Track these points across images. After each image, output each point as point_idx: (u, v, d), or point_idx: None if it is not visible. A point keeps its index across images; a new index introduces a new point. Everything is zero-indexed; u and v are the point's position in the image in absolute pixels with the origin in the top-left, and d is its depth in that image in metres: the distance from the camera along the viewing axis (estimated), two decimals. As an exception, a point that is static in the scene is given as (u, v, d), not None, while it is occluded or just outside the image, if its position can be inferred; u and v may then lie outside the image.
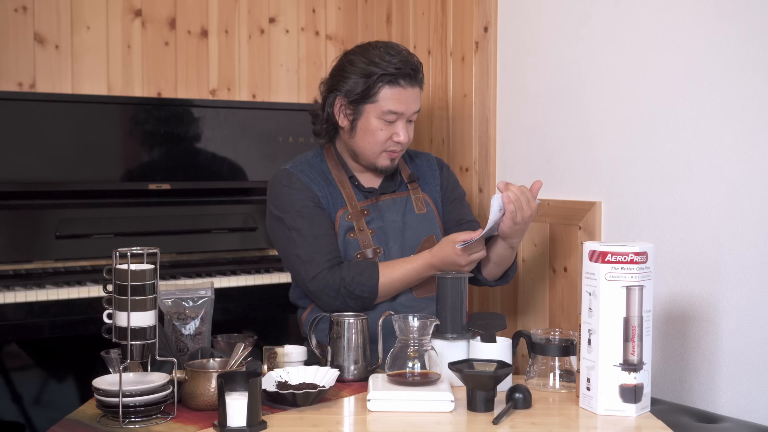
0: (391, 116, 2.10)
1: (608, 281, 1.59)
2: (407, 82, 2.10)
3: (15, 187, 2.51)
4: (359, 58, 2.13)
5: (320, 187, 2.14)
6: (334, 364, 1.83)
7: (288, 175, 2.15)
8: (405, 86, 2.10)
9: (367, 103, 2.10)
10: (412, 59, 2.13)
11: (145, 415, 1.54)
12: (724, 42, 2.06)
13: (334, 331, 1.85)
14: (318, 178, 2.16)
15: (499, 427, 1.52)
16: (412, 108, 2.13)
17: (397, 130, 2.11)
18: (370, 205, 2.17)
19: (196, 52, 3.14)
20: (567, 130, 2.49)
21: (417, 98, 2.14)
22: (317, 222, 2.09)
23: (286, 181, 2.14)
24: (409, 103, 2.12)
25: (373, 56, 2.10)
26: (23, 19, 2.83)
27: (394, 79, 2.08)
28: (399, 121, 2.12)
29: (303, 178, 2.14)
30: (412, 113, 2.14)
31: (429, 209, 2.24)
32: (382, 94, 2.09)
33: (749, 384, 2.02)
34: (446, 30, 2.89)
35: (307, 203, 2.11)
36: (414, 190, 2.24)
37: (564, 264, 2.49)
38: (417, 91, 2.14)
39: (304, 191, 2.12)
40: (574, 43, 2.46)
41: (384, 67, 2.08)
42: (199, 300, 1.90)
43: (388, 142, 2.12)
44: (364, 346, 1.85)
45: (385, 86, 2.09)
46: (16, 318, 2.31)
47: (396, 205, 2.20)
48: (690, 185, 2.14)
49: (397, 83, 2.09)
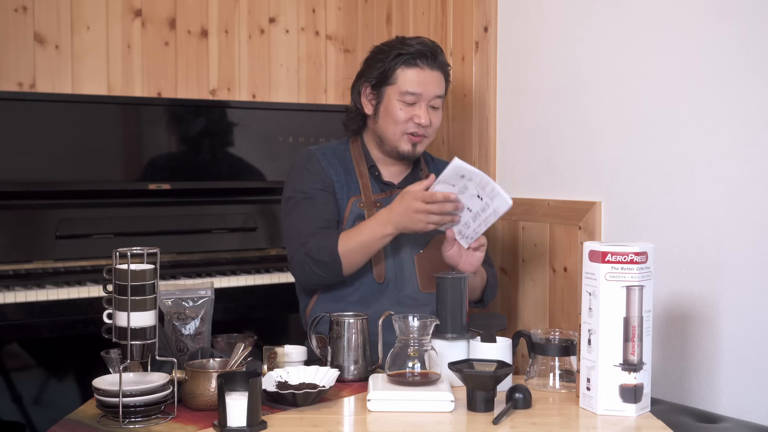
0: (409, 97, 2.11)
1: (608, 281, 1.59)
2: (425, 63, 2.12)
3: (15, 187, 2.51)
4: (383, 46, 2.19)
5: (337, 172, 2.17)
6: (334, 364, 1.83)
7: (309, 155, 2.20)
8: (423, 67, 2.11)
9: (387, 85, 2.14)
10: (433, 45, 2.16)
11: (145, 415, 1.54)
12: (724, 42, 2.06)
13: (334, 331, 1.85)
14: (338, 164, 2.19)
15: (499, 427, 1.52)
16: (432, 90, 2.13)
17: (417, 112, 2.12)
18: (384, 198, 2.17)
19: (196, 52, 3.14)
20: (567, 130, 2.49)
21: (438, 82, 2.14)
22: (318, 205, 2.12)
23: (306, 161, 2.19)
24: (428, 85, 2.12)
25: (395, 42, 2.17)
26: (23, 19, 2.83)
27: (411, 59, 2.11)
28: (419, 103, 2.12)
29: (322, 161, 2.17)
30: (433, 96, 2.13)
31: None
32: (400, 75, 2.12)
33: (749, 384, 2.02)
34: (446, 30, 2.89)
35: (316, 185, 2.14)
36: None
37: (564, 264, 2.49)
38: (437, 75, 2.14)
39: (319, 173, 2.15)
40: (574, 43, 2.46)
41: (401, 48, 2.13)
42: (199, 300, 1.90)
43: (409, 124, 2.13)
44: (364, 346, 1.85)
45: (402, 66, 2.12)
46: (16, 318, 2.31)
47: None
48: (690, 185, 2.14)
49: (415, 63, 2.11)
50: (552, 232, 2.54)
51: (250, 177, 2.91)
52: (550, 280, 2.55)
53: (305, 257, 2.05)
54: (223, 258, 2.75)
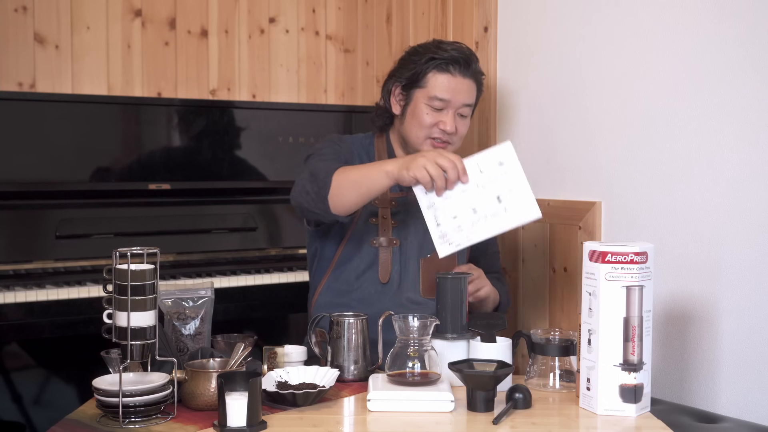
0: (437, 103, 2.09)
1: (608, 281, 1.59)
2: (458, 70, 2.09)
3: (15, 187, 2.51)
4: (418, 48, 2.16)
5: (362, 160, 2.15)
6: (334, 364, 1.83)
7: (341, 139, 2.20)
8: (455, 74, 2.09)
9: (417, 88, 2.11)
10: (468, 53, 2.13)
11: (145, 415, 1.54)
12: (724, 42, 2.06)
13: (334, 331, 1.85)
14: (363, 155, 2.18)
15: (499, 427, 1.52)
16: (461, 98, 2.10)
17: (444, 119, 2.09)
18: (400, 198, 2.15)
19: (196, 52, 3.14)
20: (567, 130, 2.49)
21: (468, 90, 2.12)
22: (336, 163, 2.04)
23: (338, 141, 2.18)
24: (458, 93, 2.09)
25: (430, 45, 2.14)
26: (23, 19, 2.83)
27: (444, 64, 2.08)
28: (447, 110, 2.09)
29: (354, 146, 2.18)
30: (461, 104, 2.10)
31: None
32: (431, 79, 2.09)
33: (749, 384, 2.02)
34: (446, 30, 2.89)
35: (340, 155, 2.11)
36: None
37: (564, 264, 2.49)
38: (469, 83, 2.12)
39: (346, 154, 2.13)
40: (574, 43, 2.46)
41: (435, 52, 2.10)
42: (199, 300, 1.90)
43: (434, 129, 2.10)
44: (364, 346, 1.85)
45: (434, 71, 2.09)
46: (16, 318, 2.31)
47: None
48: (690, 185, 2.14)
49: (447, 69, 2.09)
50: (552, 232, 2.54)
51: (250, 177, 2.91)
52: (550, 280, 2.55)
53: (304, 171, 2.01)
54: (223, 258, 2.75)
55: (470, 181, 1.78)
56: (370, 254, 2.13)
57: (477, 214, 1.75)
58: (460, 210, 1.77)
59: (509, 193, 1.74)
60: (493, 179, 1.75)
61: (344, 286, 2.13)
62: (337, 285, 2.14)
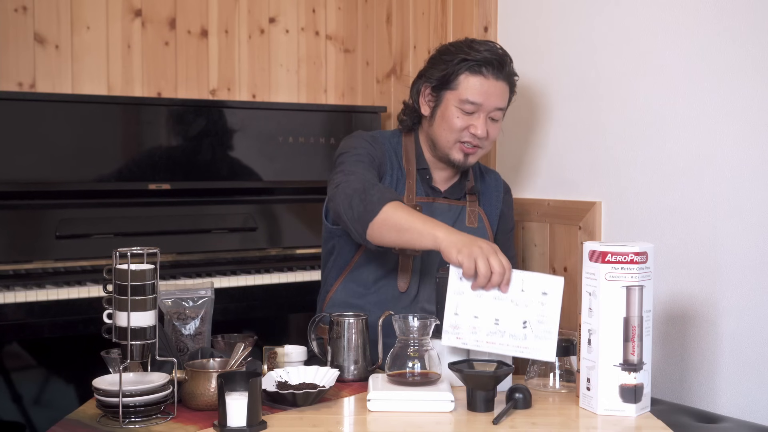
0: (468, 106, 2.02)
1: (608, 281, 1.59)
2: (490, 72, 2.02)
3: (15, 187, 2.51)
4: (450, 47, 2.09)
5: (392, 166, 2.10)
6: (334, 364, 1.83)
7: (374, 138, 2.11)
8: (487, 76, 2.02)
9: (448, 89, 2.04)
10: (502, 53, 2.05)
11: (145, 415, 1.54)
12: (724, 42, 2.06)
13: (334, 331, 1.85)
14: (393, 156, 2.12)
15: (499, 427, 1.52)
16: (493, 102, 2.03)
17: (475, 122, 2.03)
18: (425, 203, 2.10)
19: (196, 52, 3.14)
20: (567, 130, 2.49)
21: (501, 93, 2.04)
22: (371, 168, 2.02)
23: (372, 141, 2.10)
24: (490, 96, 2.02)
25: (462, 45, 2.06)
26: (23, 19, 2.83)
27: (477, 66, 2.01)
28: (478, 113, 2.03)
29: (385, 148, 2.10)
30: (493, 108, 2.04)
31: (481, 225, 2.17)
32: (463, 81, 2.02)
33: (749, 384, 2.02)
34: (446, 30, 2.89)
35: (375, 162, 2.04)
36: (471, 202, 2.17)
37: (564, 264, 2.49)
38: (502, 85, 2.04)
39: (378, 156, 2.06)
40: (574, 43, 2.46)
41: (467, 53, 2.02)
42: (199, 300, 1.90)
43: (464, 133, 2.04)
44: (364, 346, 1.85)
45: (466, 72, 2.02)
46: (16, 318, 2.31)
47: (450, 212, 2.13)
48: (690, 185, 2.15)
49: (479, 72, 2.01)
50: (552, 232, 2.54)
51: (250, 177, 2.91)
52: (550, 280, 2.55)
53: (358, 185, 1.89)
54: (223, 258, 2.75)
55: (507, 294, 1.69)
56: (391, 260, 2.08)
57: (498, 326, 1.69)
58: (485, 314, 1.69)
59: (537, 325, 1.68)
60: (529, 303, 1.69)
61: (361, 288, 2.10)
62: (354, 286, 2.11)
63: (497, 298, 1.69)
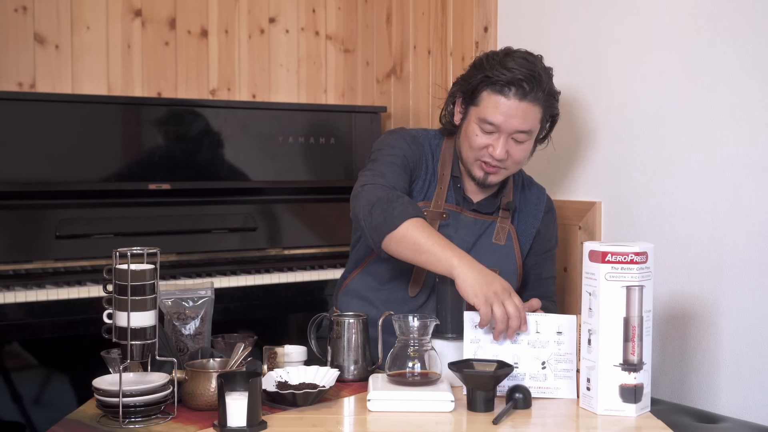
0: (487, 126, 1.92)
1: (608, 281, 1.59)
2: (513, 93, 1.89)
3: (15, 187, 2.51)
4: (483, 58, 1.98)
5: (427, 170, 2.04)
6: (334, 364, 1.83)
7: (415, 140, 2.05)
8: (509, 97, 1.89)
9: (472, 105, 1.96)
10: (533, 72, 1.90)
11: (145, 415, 1.54)
12: (724, 42, 2.06)
13: (334, 331, 1.85)
14: (429, 159, 2.05)
15: (499, 427, 1.52)
16: (513, 124, 1.90)
17: (493, 143, 1.93)
18: (453, 211, 2.03)
19: (196, 52, 3.14)
20: (567, 130, 2.49)
21: (524, 116, 1.90)
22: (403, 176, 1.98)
23: (411, 141, 2.04)
24: (510, 117, 1.90)
25: (495, 58, 1.95)
26: (23, 19, 2.83)
27: (498, 85, 1.90)
28: (498, 134, 1.92)
29: (424, 150, 2.04)
30: (514, 130, 1.91)
31: (509, 243, 2.07)
32: (484, 99, 1.92)
33: (749, 384, 2.02)
34: (446, 30, 2.89)
35: (408, 164, 2.00)
36: (503, 219, 2.07)
37: (564, 264, 2.49)
38: (527, 106, 1.90)
39: (417, 158, 2.02)
40: (574, 43, 2.46)
41: (492, 70, 1.91)
42: (199, 300, 1.90)
43: (483, 152, 1.95)
44: (364, 346, 1.85)
45: (488, 90, 1.91)
46: (16, 318, 2.31)
47: (475, 226, 2.05)
48: (690, 185, 2.15)
49: (501, 91, 1.90)
50: (552, 232, 2.54)
51: (250, 177, 2.91)
52: (550, 280, 2.55)
53: (383, 194, 1.86)
54: (223, 258, 2.75)
55: (523, 336, 1.71)
56: (408, 263, 1.95)
57: (517, 369, 1.71)
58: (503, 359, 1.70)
59: (556, 364, 1.71)
60: (546, 344, 1.71)
61: (375, 283, 2.07)
62: (370, 279, 2.08)
63: (514, 341, 1.72)
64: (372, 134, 3.09)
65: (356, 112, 3.12)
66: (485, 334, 1.72)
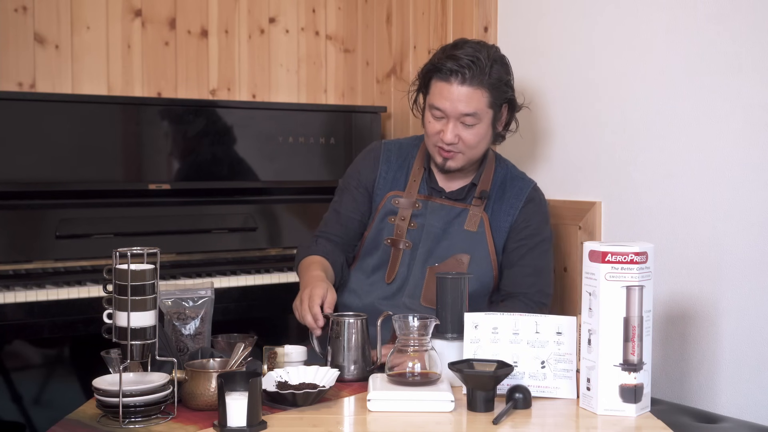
0: (436, 111, 2.02)
1: (608, 281, 1.59)
2: (456, 79, 1.98)
3: (15, 187, 2.51)
4: (437, 51, 2.08)
5: (390, 166, 2.18)
6: (334, 364, 1.83)
7: (373, 147, 2.24)
8: (452, 82, 1.98)
9: (427, 93, 2.07)
10: (475, 58, 1.98)
11: (145, 415, 1.54)
12: (724, 42, 2.06)
13: (334, 331, 1.85)
14: (395, 158, 2.19)
15: (499, 427, 1.52)
16: (459, 108, 1.99)
17: (443, 128, 2.02)
18: (424, 201, 2.14)
19: (196, 52, 3.14)
20: (567, 130, 2.49)
21: (467, 99, 1.99)
22: (346, 201, 2.20)
23: (367, 152, 2.24)
24: (454, 101, 1.99)
25: (444, 50, 2.05)
26: (23, 19, 2.83)
27: (441, 72, 2.00)
28: (447, 119, 2.02)
29: (382, 152, 2.20)
30: (460, 114, 2.00)
31: (481, 230, 2.10)
32: (433, 87, 2.04)
33: (749, 384, 2.02)
34: (446, 30, 2.89)
35: (353, 180, 2.20)
36: (476, 206, 2.12)
37: (564, 264, 2.49)
38: (469, 91, 1.98)
39: (367, 169, 2.19)
40: (574, 43, 2.46)
41: (438, 59, 2.02)
42: (199, 300, 1.90)
43: (437, 137, 2.04)
44: (364, 346, 1.84)
45: (435, 78, 2.03)
46: (16, 318, 2.31)
47: (443, 211, 2.12)
48: (690, 185, 2.15)
49: (445, 78, 2.00)
50: (552, 232, 2.53)
51: (250, 177, 2.91)
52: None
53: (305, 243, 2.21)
54: (223, 258, 2.75)
55: (522, 336, 1.72)
56: (386, 252, 2.14)
57: (517, 368, 1.71)
58: (503, 358, 1.70)
59: (556, 364, 1.71)
60: (545, 344, 1.71)
61: (363, 276, 2.18)
62: (360, 274, 2.19)
63: (513, 342, 1.72)
64: (372, 134, 3.09)
65: (356, 112, 3.12)
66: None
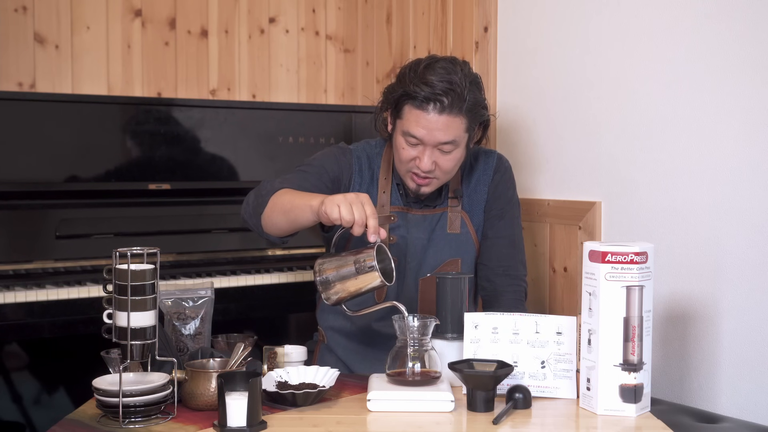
0: (411, 139, 1.91)
1: (608, 281, 1.59)
2: (434, 107, 1.87)
3: (15, 187, 2.51)
4: (405, 70, 1.95)
5: (362, 177, 2.05)
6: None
7: (345, 151, 2.07)
8: (430, 111, 1.87)
9: (398, 118, 1.94)
10: (452, 85, 1.86)
11: (145, 415, 1.54)
12: (724, 42, 2.06)
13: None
14: (366, 168, 2.06)
15: (499, 427, 1.52)
16: (437, 137, 1.88)
17: (420, 156, 1.92)
18: (400, 213, 2.04)
19: (196, 52, 3.14)
20: (567, 130, 2.49)
21: (445, 128, 1.88)
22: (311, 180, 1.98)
23: (340, 153, 2.06)
24: (432, 130, 1.88)
25: (415, 72, 1.90)
26: (23, 19, 2.83)
27: (416, 100, 1.88)
28: (423, 147, 1.91)
29: (354, 160, 2.05)
30: (438, 143, 1.89)
31: (464, 230, 2.07)
32: (407, 113, 1.91)
33: (749, 384, 2.02)
34: (446, 30, 2.89)
35: (328, 174, 2.01)
36: (453, 207, 2.07)
37: (564, 264, 2.49)
38: (447, 119, 1.87)
39: (345, 170, 2.03)
40: (574, 43, 2.46)
41: (411, 85, 1.88)
42: (199, 300, 1.90)
43: (411, 164, 1.94)
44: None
45: (409, 105, 1.90)
46: (16, 318, 2.31)
47: (425, 222, 2.05)
48: (690, 185, 2.15)
49: (421, 106, 1.88)
50: (552, 232, 2.54)
51: (250, 177, 2.91)
52: (550, 280, 2.55)
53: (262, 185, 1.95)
54: (223, 258, 2.75)
55: (522, 336, 1.72)
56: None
57: (517, 368, 1.72)
58: (502, 358, 1.71)
59: (556, 364, 1.71)
60: (545, 344, 1.72)
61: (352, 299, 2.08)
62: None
63: (513, 341, 1.72)
64: (372, 134, 3.08)
65: (356, 112, 3.12)
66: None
